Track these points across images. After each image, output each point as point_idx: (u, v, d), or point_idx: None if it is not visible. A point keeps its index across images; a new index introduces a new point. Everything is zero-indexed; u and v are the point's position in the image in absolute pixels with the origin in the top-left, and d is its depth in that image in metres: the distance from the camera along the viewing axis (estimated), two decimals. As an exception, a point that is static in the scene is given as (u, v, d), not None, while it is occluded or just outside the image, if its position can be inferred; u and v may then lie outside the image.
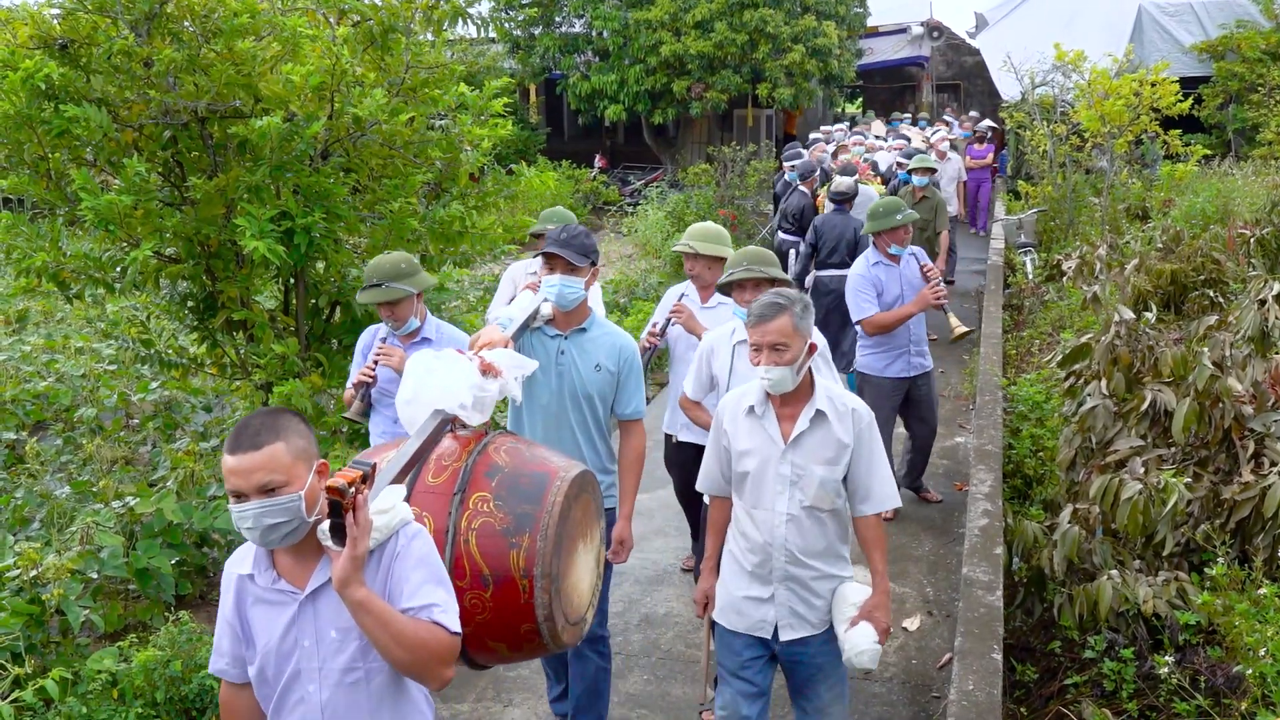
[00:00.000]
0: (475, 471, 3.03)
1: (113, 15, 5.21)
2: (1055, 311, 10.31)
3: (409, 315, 4.66)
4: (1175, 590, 4.15)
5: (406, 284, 4.57)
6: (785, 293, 3.45)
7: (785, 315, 3.38)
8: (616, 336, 4.13)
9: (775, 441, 3.51)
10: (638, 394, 4.16)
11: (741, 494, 3.61)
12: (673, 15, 20.40)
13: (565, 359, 4.05)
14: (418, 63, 5.80)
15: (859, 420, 3.51)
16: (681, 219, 16.49)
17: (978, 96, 26.32)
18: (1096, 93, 13.68)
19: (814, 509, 3.51)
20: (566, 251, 3.89)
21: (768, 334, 3.37)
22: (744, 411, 3.57)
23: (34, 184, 5.48)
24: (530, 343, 4.03)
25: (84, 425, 7.34)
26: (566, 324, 4.07)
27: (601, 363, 4.05)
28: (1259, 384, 4.72)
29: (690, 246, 5.25)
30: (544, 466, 3.08)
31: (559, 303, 3.96)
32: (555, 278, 3.92)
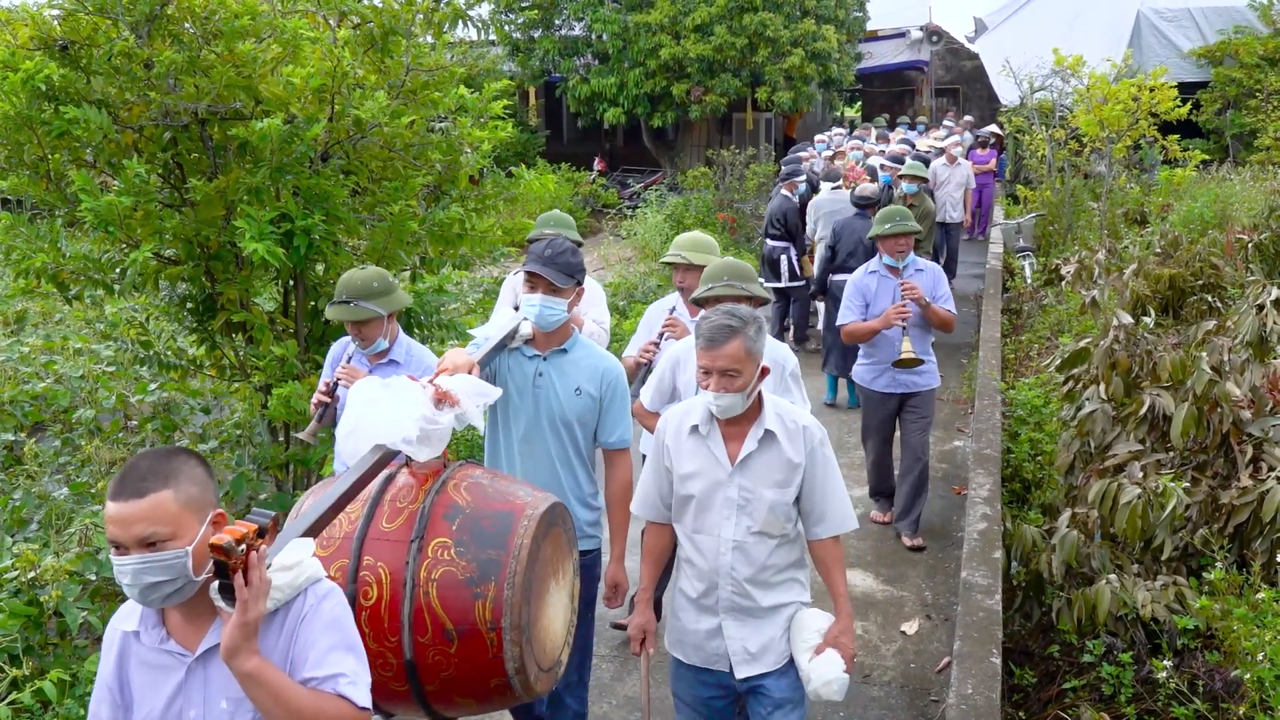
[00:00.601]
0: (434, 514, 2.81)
1: (113, 17, 5.21)
2: (1054, 316, 10.32)
3: (377, 336, 4.48)
4: (1173, 595, 4.15)
5: (377, 304, 4.39)
6: (738, 312, 3.21)
7: (737, 339, 3.14)
8: (599, 359, 3.86)
9: (721, 463, 3.30)
10: (622, 421, 3.89)
11: (684, 519, 3.40)
12: (672, 19, 20.42)
13: (543, 381, 3.78)
14: (418, 65, 5.80)
15: (810, 438, 3.31)
16: (681, 222, 16.52)
17: (976, 101, 26.35)
18: (1095, 98, 13.70)
19: (763, 534, 3.30)
20: (549, 271, 3.67)
21: (718, 359, 3.15)
22: (687, 430, 3.35)
23: (34, 185, 5.47)
24: (507, 363, 3.80)
25: (82, 426, 7.33)
26: (546, 344, 3.82)
27: (582, 386, 3.79)
28: (1257, 389, 4.73)
29: (682, 257, 5.06)
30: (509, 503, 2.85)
31: (539, 324, 3.74)
32: (536, 298, 3.70)
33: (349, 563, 2.82)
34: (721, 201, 17.47)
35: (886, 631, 5.40)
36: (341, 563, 2.83)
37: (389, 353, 4.55)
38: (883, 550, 6.34)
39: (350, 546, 2.84)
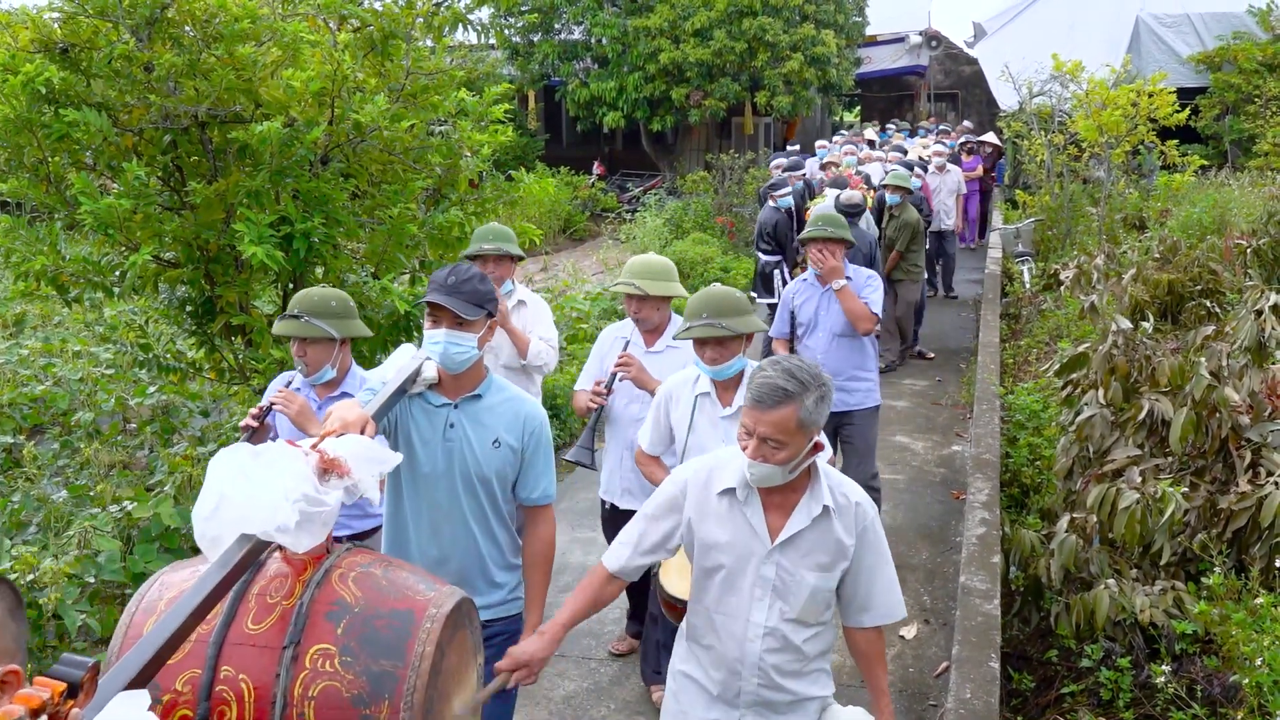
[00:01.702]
0: (314, 613, 2.26)
1: (114, 20, 5.22)
2: (1052, 321, 10.33)
3: (324, 362, 4.07)
4: (1172, 600, 4.15)
5: (330, 324, 4.00)
6: (800, 373, 2.68)
7: (789, 407, 2.64)
8: (519, 404, 3.38)
9: (760, 537, 2.83)
10: (546, 474, 3.42)
11: (705, 594, 2.90)
12: (672, 23, 20.44)
13: (455, 433, 3.29)
14: (418, 69, 5.81)
15: (862, 516, 2.87)
16: (680, 226, 16.54)
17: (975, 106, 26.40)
18: (1094, 103, 13.71)
19: (799, 622, 2.85)
20: (453, 301, 3.16)
21: (762, 423, 2.67)
22: (717, 491, 2.87)
23: (33, 187, 5.48)
24: (410, 413, 3.30)
25: (81, 429, 7.33)
26: (456, 390, 3.31)
27: (501, 437, 3.30)
28: (1256, 394, 4.73)
29: (636, 287, 4.47)
30: (408, 599, 2.32)
31: (444, 365, 3.25)
32: (440, 333, 3.18)
33: (201, 674, 2.22)
34: (720, 206, 17.48)
35: (885, 636, 5.40)
36: (192, 673, 2.23)
37: (339, 384, 4.16)
38: (881, 555, 6.33)
39: (204, 652, 2.24)
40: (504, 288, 5.10)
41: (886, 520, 6.83)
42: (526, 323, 5.21)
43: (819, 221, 5.81)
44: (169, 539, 5.41)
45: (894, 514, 6.95)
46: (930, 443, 8.37)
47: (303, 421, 3.86)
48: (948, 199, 13.68)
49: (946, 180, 13.78)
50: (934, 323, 12.40)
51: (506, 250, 5.09)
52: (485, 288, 3.25)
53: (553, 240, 18.69)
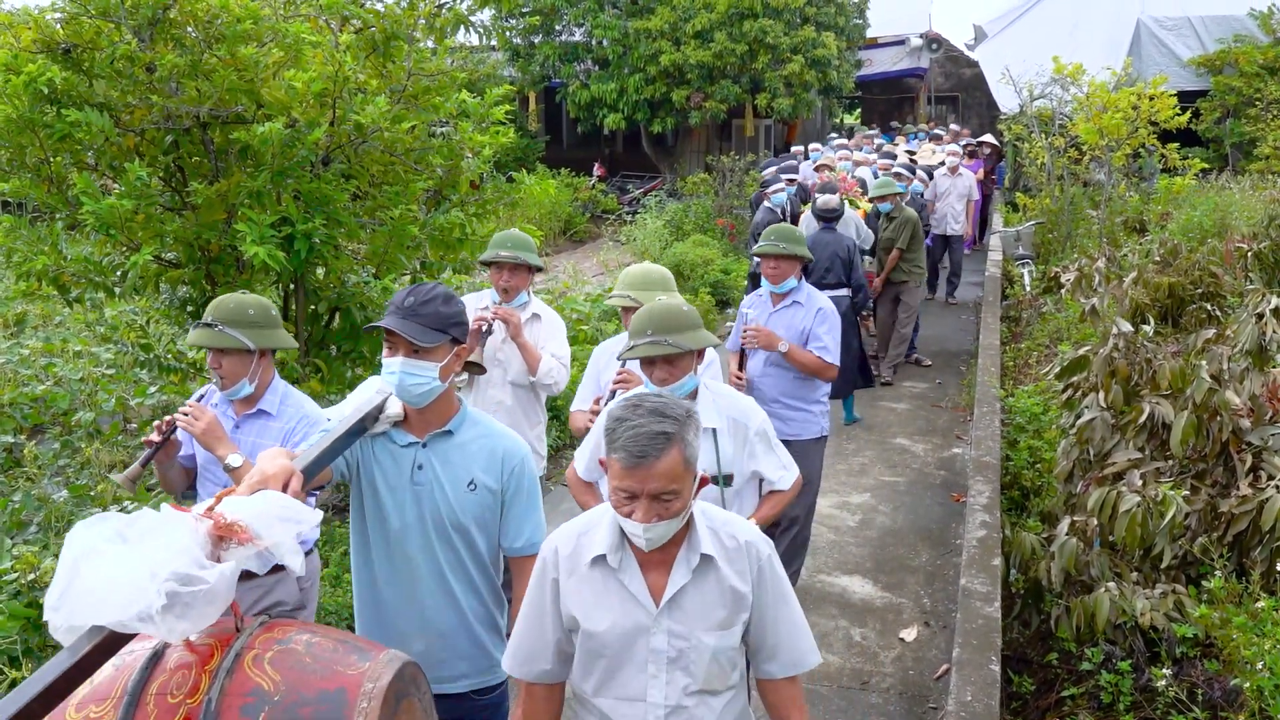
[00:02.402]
0: (225, 709, 1.86)
1: (116, 20, 5.22)
2: (1053, 324, 10.33)
3: (241, 376, 3.70)
4: (1173, 603, 4.15)
5: (245, 334, 3.65)
6: (669, 409, 2.35)
7: (673, 450, 2.31)
8: (496, 439, 3.00)
9: (642, 604, 2.44)
10: (530, 518, 3.04)
11: (590, 680, 2.51)
12: (672, 25, 20.46)
13: (424, 476, 2.93)
14: (420, 70, 5.81)
15: (756, 556, 2.50)
16: (680, 228, 16.54)
17: (976, 108, 26.41)
18: (1095, 106, 13.73)
19: (706, 693, 2.49)
20: (409, 325, 2.79)
21: (651, 480, 2.30)
22: (587, 561, 2.48)
23: (35, 188, 5.48)
24: (374, 455, 2.94)
25: (82, 429, 7.32)
26: (423, 426, 2.95)
27: (477, 478, 2.94)
28: (1256, 397, 4.73)
29: (632, 299, 4.25)
30: (338, 676, 1.96)
31: (401, 397, 2.89)
32: (395, 361, 2.82)
33: None
34: (721, 208, 17.49)
35: (885, 638, 5.40)
36: None
37: (258, 401, 3.78)
38: (881, 557, 6.34)
39: None
40: (518, 299, 4.97)
41: (887, 522, 6.84)
42: (539, 337, 4.99)
43: (771, 235, 5.41)
44: (169, 539, 5.40)
45: (894, 516, 6.95)
46: (930, 445, 8.38)
47: (210, 440, 3.51)
48: (957, 203, 13.44)
49: (958, 184, 13.52)
50: (934, 325, 12.41)
51: (524, 259, 4.91)
52: (450, 309, 2.86)
53: (553, 242, 18.70)
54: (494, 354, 4.94)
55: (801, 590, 5.90)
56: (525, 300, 5.03)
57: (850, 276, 8.47)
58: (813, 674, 5.05)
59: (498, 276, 4.92)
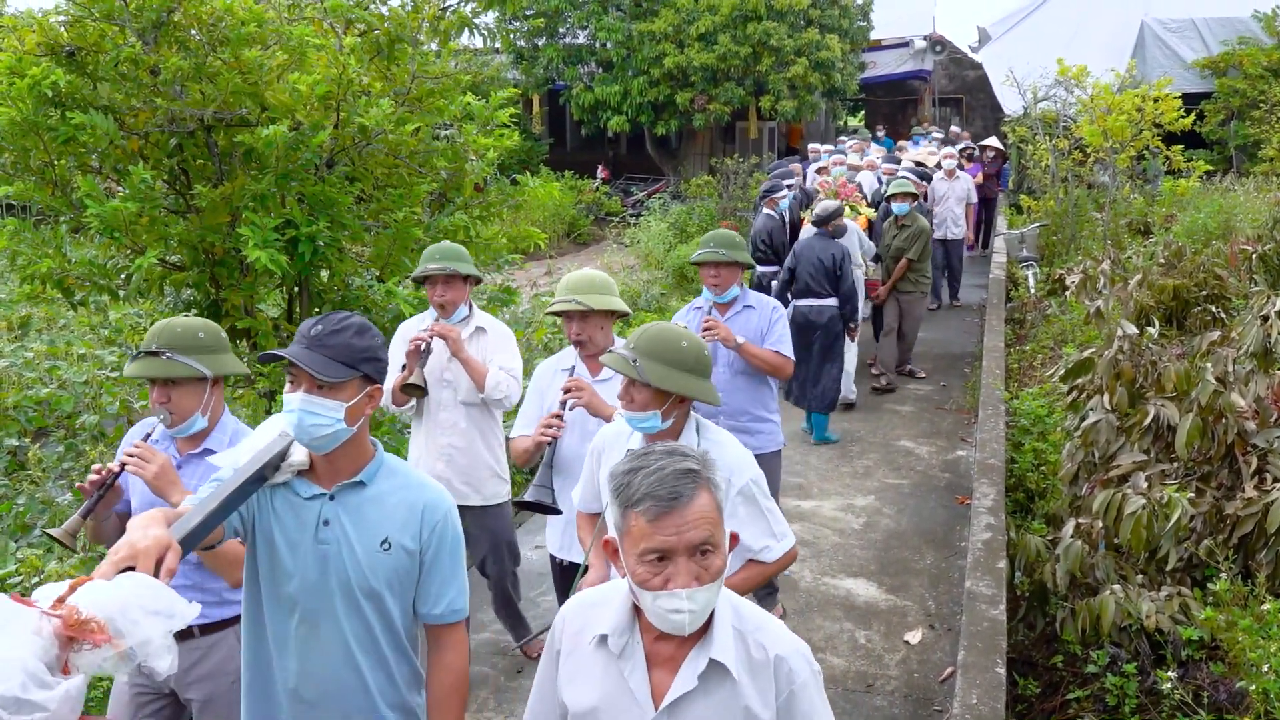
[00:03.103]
0: None
1: (120, 23, 5.23)
2: (1057, 326, 10.32)
3: (192, 410, 3.22)
4: (1178, 605, 4.14)
5: (200, 361, 3.19)
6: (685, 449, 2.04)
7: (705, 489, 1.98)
8: (417, 491, 2.61)
9: (639, 702, 2.08)
10: (454, 582, 2.64)
11: None
12: (676, 27, 20.48)
13: (331, 533, 2.54)
14: (424, 73, 5.82)
15: (789, 676, 2.11)
16: (684, 230, 16.54)
17: (980, 111, 26.41)
18: (1099, 108, 13.71)
19: None
20: (312, 358, 2.46)
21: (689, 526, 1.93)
22: (590, 639, 2.16)
23: (39, 190, 5.49)
24: (272, 508, 2.56)
25: (86, 432, 7.32)
26: (332, 475, 2.57)
27: (392, 537, 2.55)
28: (1262, 400, 4.72)
29: (578, 303, 3.92)
30: None
31: (300, 439, 2.51)
32: (295, 397, 2.46)
33: None
34: (724, 210, 17.49)
35: (890, 641, 5.39)
36: None
37: (206, 438, 3.30)
38: (886, 559, 6.33)
39: None
40: (458, 313, 4.64)
41: (891, 525, 6.83)
42: (486, 351, 4.66)
43: (710, 241, 5.14)
44: (173, 542, 5.41)
45: (898, 519, 6.94)
46: (935, 447, 8.36)
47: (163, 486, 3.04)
48: (956, 206, 13.25)
49: (955, 187, 13.34)
50: (938, 328, 12.39)
51: (454, 270, 4.53)
52: (363, 342, 2.52)
53: (557, 244, 18.71)
54: (441, 374, 4.63)
55: (806, 593, 5.89)
56: (466, 314, 4.70)
57: (838, 286, 8.16)
58: (817, 677, 5.04)
59: (432, 291, 4.60)
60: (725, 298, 5.11)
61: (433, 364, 4.60)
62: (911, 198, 10.03)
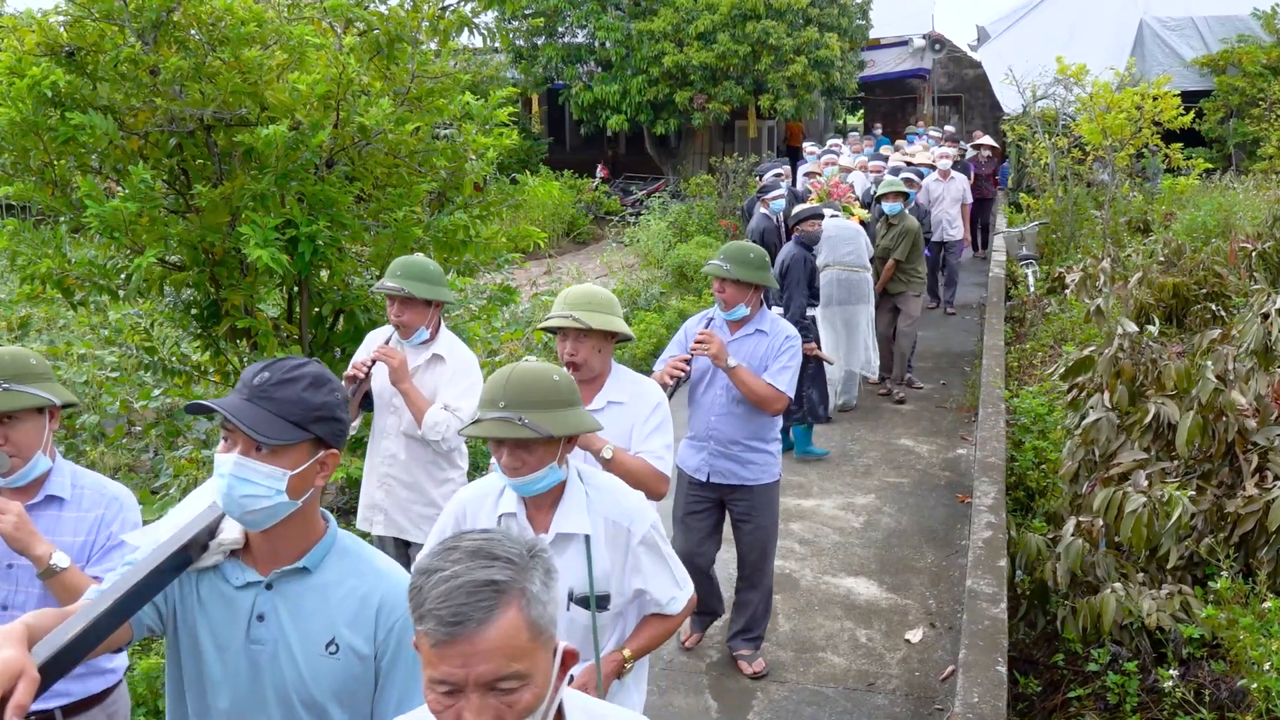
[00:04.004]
0: None
1: (120, 23, 5.23)
2: (1057, 324, 10.32)
3: (34, 448, 2.79)
4: (1179, 604, 4.14)
5: (41, 388, 2.78)
6: (495, 545, 1.61)
7: (511, 608, 1.57)
8: (375, 581, 2.15)
9: None
10: (416, 692, 1.96)
11: None
12: (675, 26, 20.47)
13: (266, 631, 2.11)
14: (423, 72, 5.81)
15: None
16: (684, 229, 16.53)
17: (979, 109, 26.40)
18: (1098, 106, 13.72)
19: None
20: (251, 413, 2.03)
21: (479, 657, 1.55)
22: None
23: (39, 191, 5.49)
24: (197, 597, 2.13)
25: (86, 432, 7.32)
26: (270, 558, 2.13)
27: (342, 637, 2.11)
28: (1262, 398, 4.73)
29: (576, 320, 3.53)
30: None
31: (230, 511, 2.07)
32: (228, 460, 2.03)
33: None
34: (724, 209, 17.47)
35: (891, 639, 5.40)
36: None
37: (43, 485, 2.84)
38: (886, 558, 6.33)
39: None
40: (417, 335, 4.28)
41: (891, 524, 6.84)
42: (439, 383, 4.27)
43: (722, 252, 4.84)
44: (174, 542, 5.41)
45: (899, 517, 6.94)
46: (935, 446, 8.36)
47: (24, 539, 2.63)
48: (951, 208, 12.95)
49: (950, 188, 13.06)
50: (938, 326, 12.39)
51: (409, 292, 4.16)
52: (319, 397, 2.07)
53: (556, 243, 18.70)
54: (389, 398, 4.34)
55: (806, 592, 5.90)
56: (426, 338, 4.32)
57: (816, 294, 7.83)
58: (819, 676, 5.05)
59: (390, 308, 4.26)
60: (733, 315, 4.81)
61: (382, 386, 4.33)
62: (903, 197, 9.78)
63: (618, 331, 3.61)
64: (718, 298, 4.83)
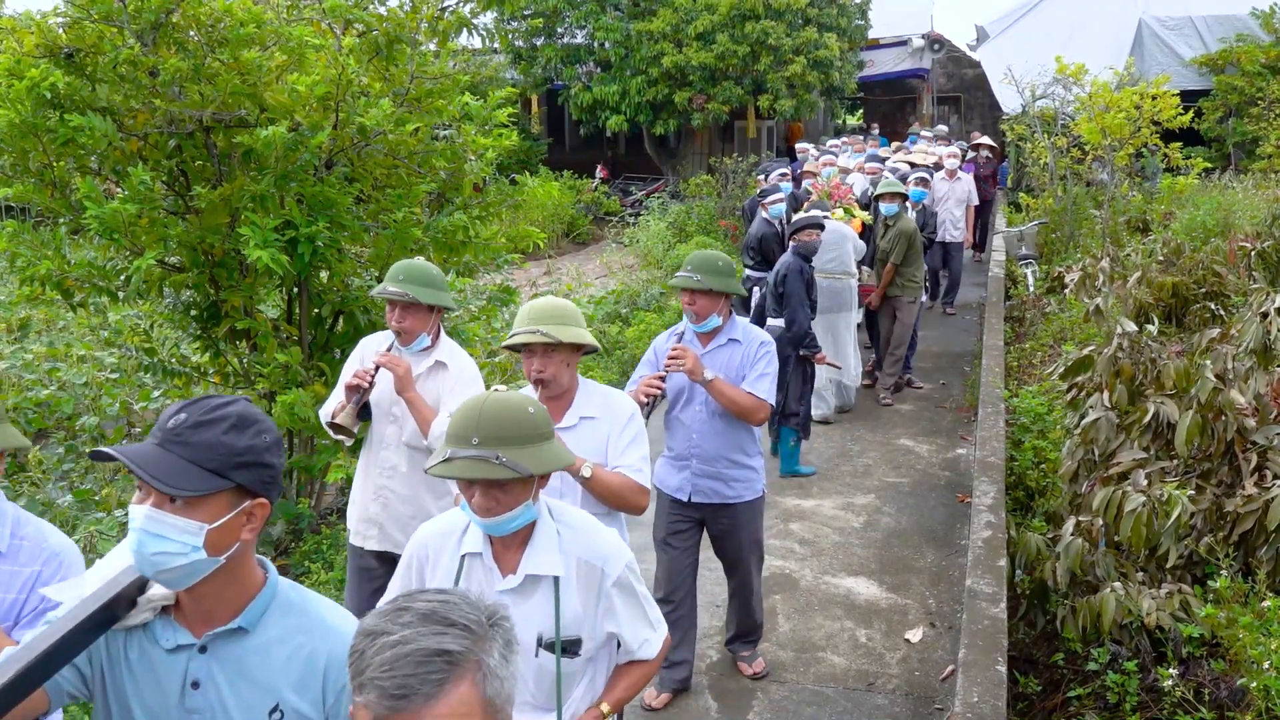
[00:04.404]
0: None
1: (119, 24, 5.23)
2: (1057, 324, 10.32)
3: None
4: (1178, 603, 4.14)
5: None
6: (450, 609, 1.50)
7: (464, 681, 1.45)
8: (322, 638, 1.97)
9: None
10: None
11: None
12: (674, 27, 20.48)
13: (202, 699, 1.91)
14: (422, 73, 5.82)
15: None
16: (683, 229, 16.54)
17: (978, 109, 26.41)
18: (1097, 105, 13.72)
19: None
20: (161, 460, 1.82)
21: None
22: None
23: (38, 192, 5.49)
24: (126, 658, 1.93)
25: (86, 433, 7.33)
26: (201, 618, 1.93)
27: (287, 702, 1.93)
28: (1261, 397, 4.73)
29: (544, 334, 3.32)
30: None
31: (144, 570, 1.86)
32: (139, 512, 1.82)
33: None
34: (724, 209, 17.48)
35: (890, 639, 5.40)
36: None
37: None
38: (886, 558, 6.33)
39: None
40: (417, 343, 4.13)
41: (891, 523, 6.84)
42: (441, 391, 4.13)
43: (689, 263, 4.55)
44: (174, 543, 5.41)
45: (898, 517, 6.95)
46: (934, 446, 8.37)
47: None
48: (955, 209, 12.85)
49: (955, 189, 12.97)
50: (937, 326, 12.39)
51: (413, 297, 4.02)
52: (243, 440, 1.86)
53: (556, 244, 18.72)
54: (389, 407, 4.18)
55: (806, 592, 5.90)
56: (427, 344, 4.18)
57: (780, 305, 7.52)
58: (819, 676, 5.05)
59: (390, 315, 4.13)
60: (705, 327, 4.59)
61: (381, 394, 4.16)
62: (900, 198, 9.62)
63: (585, 344, 3.44)
64: (688, 310, 4.57)
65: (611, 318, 11.14)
